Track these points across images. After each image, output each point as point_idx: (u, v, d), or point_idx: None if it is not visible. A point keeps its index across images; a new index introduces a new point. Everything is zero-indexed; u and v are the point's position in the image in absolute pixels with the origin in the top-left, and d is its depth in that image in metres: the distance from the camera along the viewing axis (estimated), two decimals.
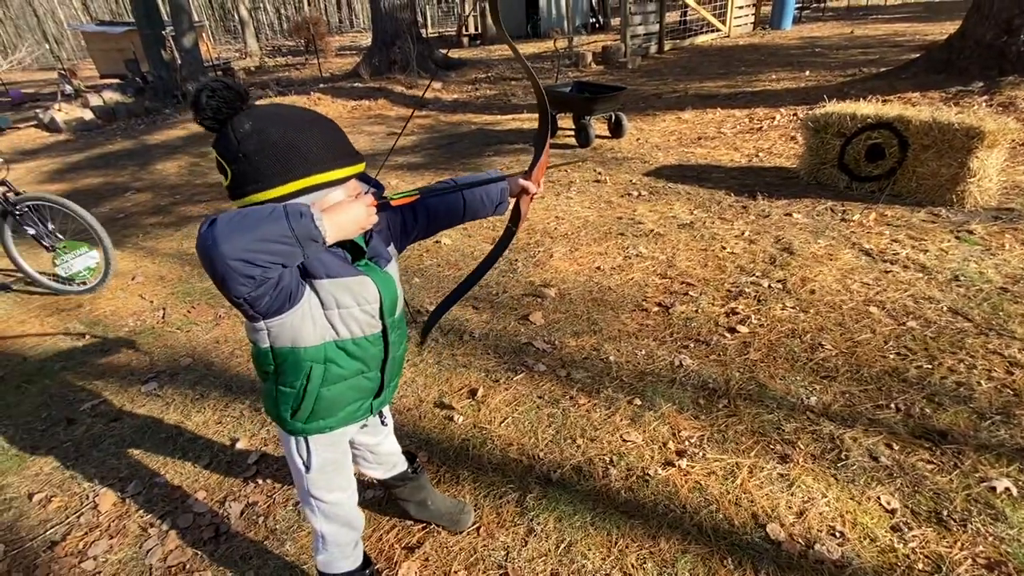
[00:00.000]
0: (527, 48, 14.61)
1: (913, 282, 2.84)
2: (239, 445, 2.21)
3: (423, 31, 14.19)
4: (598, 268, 3.35)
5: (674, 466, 1.93)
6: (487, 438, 2.13)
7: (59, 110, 9.46)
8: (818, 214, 3.74)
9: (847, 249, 3.23)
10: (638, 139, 6.05)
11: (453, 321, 2.92)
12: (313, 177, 0.97)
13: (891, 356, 2.34)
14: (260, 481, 2.03)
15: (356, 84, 10.45)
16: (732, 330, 2.62)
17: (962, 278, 2.82)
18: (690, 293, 2.97)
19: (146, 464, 2.17)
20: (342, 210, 0.95)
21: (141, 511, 1.96)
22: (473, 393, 2.38)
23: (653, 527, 1.72)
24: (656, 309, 2.87)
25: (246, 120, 0.95)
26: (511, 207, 1.38)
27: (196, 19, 15.07)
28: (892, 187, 3.79)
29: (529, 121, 7.12)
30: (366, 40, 16.75)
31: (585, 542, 1.69)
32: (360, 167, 1.06)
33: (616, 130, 6.12)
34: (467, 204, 1.31)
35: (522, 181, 1.31)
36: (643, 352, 2.54)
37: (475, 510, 1.82)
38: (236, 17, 22.98)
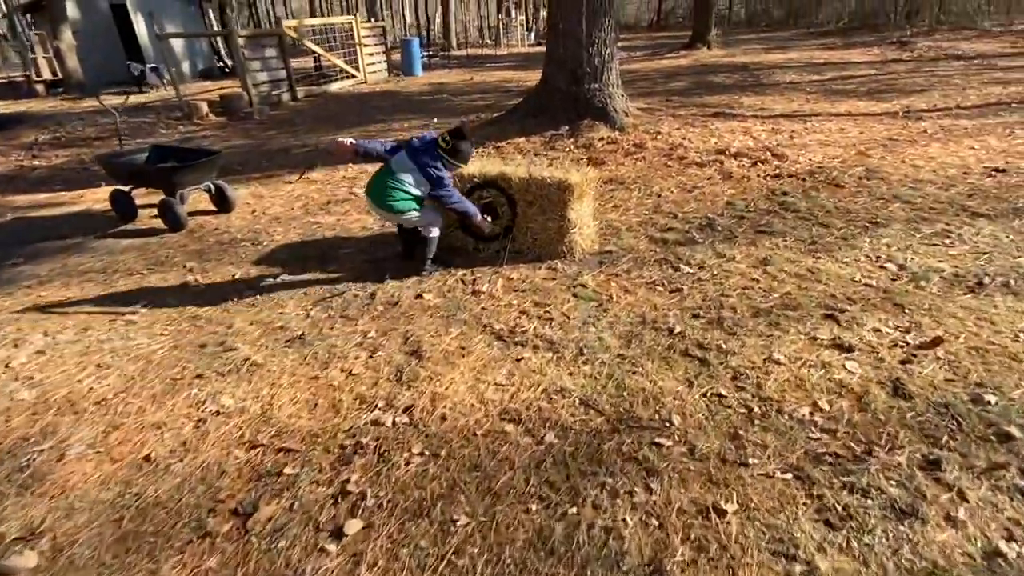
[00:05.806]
0: (132, 99, 11.75)
1: (544, 369, 2.49)
2: None
3: None
4: (146, 459, 2.11)
5: None
6: None
7: None
8: (449, 289, 3.27)
9: (479, 335, 2.78)
10: (254, 211, 4.90)
11: None
12: None
13: (533, 509, 1.80)
14: None
15: None
16: (338, 534, 1.75)
17: (586, 351, 2.59)
18: (287, 470, 2.02)
19: None
20: None
21: None
22: None
23: None
24: (229, 526, 1.81)
25: None
26: None
27: None
28: (512, 245, 3.62)
29: (102, 201, 5.20)
30: None
31: None
32: None
33: (221, 203, 4.84)
34: None
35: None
36: None
37: None
38: None
